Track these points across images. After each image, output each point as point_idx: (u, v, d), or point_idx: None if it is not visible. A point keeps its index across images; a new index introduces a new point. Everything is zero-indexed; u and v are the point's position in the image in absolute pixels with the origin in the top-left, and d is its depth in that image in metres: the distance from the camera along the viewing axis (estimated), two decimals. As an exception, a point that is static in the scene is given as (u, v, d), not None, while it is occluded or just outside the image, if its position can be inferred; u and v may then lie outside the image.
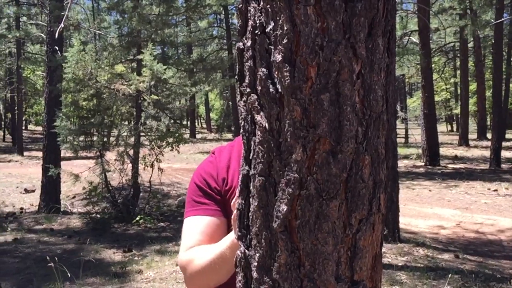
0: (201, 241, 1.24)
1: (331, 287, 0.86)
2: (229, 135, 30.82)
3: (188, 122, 34.06)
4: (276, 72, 0.85)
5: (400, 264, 5.59)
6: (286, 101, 0.84)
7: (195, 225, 1.27)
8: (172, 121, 9.57)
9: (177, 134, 8.85)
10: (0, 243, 6.87)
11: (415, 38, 17.20)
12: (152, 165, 8.65)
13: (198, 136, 32.89)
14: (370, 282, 0.91)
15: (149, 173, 8.71)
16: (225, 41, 28.49)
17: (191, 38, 25.45)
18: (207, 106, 42.66)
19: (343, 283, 0.87)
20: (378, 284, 0.94)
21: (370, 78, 0.84)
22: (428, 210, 9.34)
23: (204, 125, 45.80)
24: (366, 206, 0.87)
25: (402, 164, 15.53)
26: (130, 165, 8.70)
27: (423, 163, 16.06)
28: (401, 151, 18.04)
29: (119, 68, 9.92)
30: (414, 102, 30.56)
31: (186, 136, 15.24)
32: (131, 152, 8.69)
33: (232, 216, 1.09)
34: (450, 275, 5.02)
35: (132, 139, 8.82)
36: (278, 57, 0.83)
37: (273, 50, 0.85)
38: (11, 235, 7.31)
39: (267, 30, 0.85)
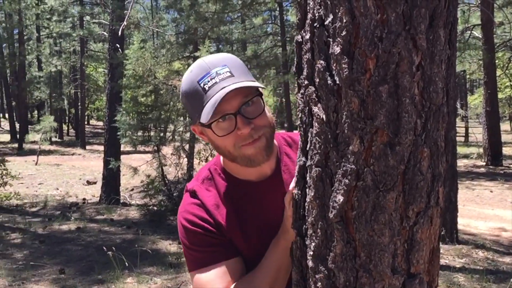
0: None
1: (387, 279, 0.87)
2: (282, 132, 30.76)
3: (242, 119, 34.28)
4: (334, 64, 0.86)
5: (458, 265, 5.41)
6: (344, 93, 0.85)
7: (215, 277, 1.15)
8: (226, 117, 9.70)
9: (231, 130, 8.94)
10: (65, 231, 7.25)
11: (477, 33, 16.48)
12: (206, 160, 8.81)
13: (252, 132, 33.08)
14: (427, 276, 0.91)
15: (203, 167, 8.87)
16: (279, 37, 28.44)
17: (246, 35, 25.61)
18: (261, 103, 42.82)
19: (399, 275, 0.87)
20: (435, 278, 0.93)
21: (430, 69, 0.84)
22: (489, 211, 8.95)
23: (258, 122, 46.01)
24: (424, 199, 0.86)
25: (461, 163, 14.95)
26: (186, 159, 8.91)
27: (484, 163, 15.39)
28: (460, 150, 17.38)
29: (176, 65, 10.16)
30: (476, 100, 29.26)
31: (240, 132, 15.35)
32: (186, 147, 8.90)
33: (286, 212, 1.09)
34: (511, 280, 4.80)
35: (188, 134, 9.02)
36: (337, 49, 0.84)
37: (331, 43, 0.86)
38: (75, 224, 7.69)
39: (326, 22, 0.86)
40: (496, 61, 19.78)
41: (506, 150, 17.46)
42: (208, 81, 1.10)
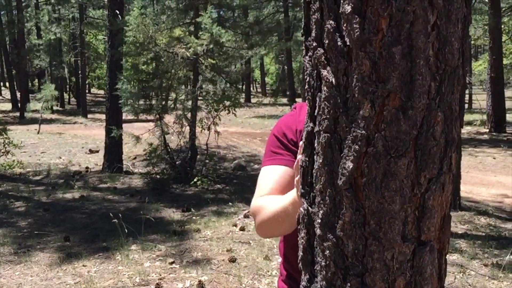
0: (273, 190, 1.28)
1: (397, 246, 0.84)
2: (284, 100, 30.66)
3: (243, 86, 34.16)
4: (345, 25, 0.81)
5: (460, 232, 5.45)
6: (355, 54, 0.81)
7: (270, 174, 1.32)
8: (228, 85, 9.62)
9: (233, 98, 8.90)
10: (68, 200, 7.30)
11: (484, -3, 16.16)
12: (209, 128, 8.79)
13: (253, 100, 32.94)
14: (438, 243, 0.89)
15: (206, 136, 8.86)
16: (281, 3, 27.98)
17: (248, 0, 25.17)
18: (263, 70, 42.48)
19: (409, 243, 0.85)
20: (446, 246, 0.91)
21: (446, 29, 0.79)
22: (492, 178, 8.97)
23: (259, 89, 45.79)
24: (436, 165, 0.83)
25: (465, 130, 14.92)
26: (188, 128, 8.89)
27: (487, 130, 15.35)
28: (464, 116, 17.28)
29: (177, 31, 10.00)
30: (480, 66, 28.93)
31: (242, 100, 15.30)
32: (188, 115, 8.86)
33: (295, 180, 1.08)
34: (513, 245, 4.84)
35: (190, 102, 8.97)
36: (348, 8, 0.80)
37: (342, 1, 0.81)
38: (78, 192, 7.74)
39: (336, -21, 0.81)
40: (502, 26, 19.43)
41: (510, 117, 17.37)
42: None
